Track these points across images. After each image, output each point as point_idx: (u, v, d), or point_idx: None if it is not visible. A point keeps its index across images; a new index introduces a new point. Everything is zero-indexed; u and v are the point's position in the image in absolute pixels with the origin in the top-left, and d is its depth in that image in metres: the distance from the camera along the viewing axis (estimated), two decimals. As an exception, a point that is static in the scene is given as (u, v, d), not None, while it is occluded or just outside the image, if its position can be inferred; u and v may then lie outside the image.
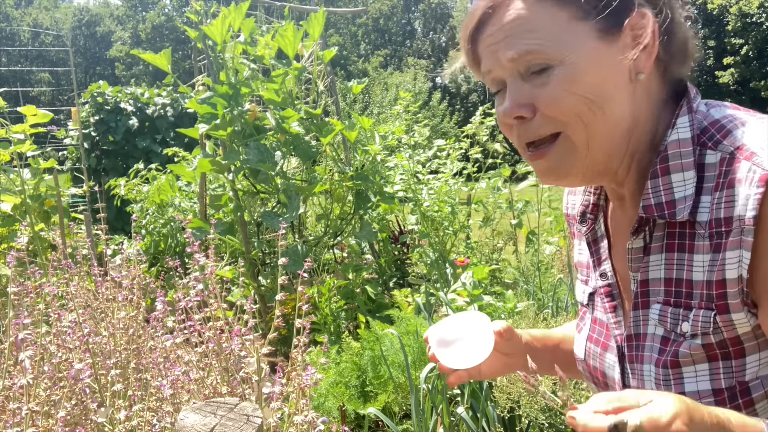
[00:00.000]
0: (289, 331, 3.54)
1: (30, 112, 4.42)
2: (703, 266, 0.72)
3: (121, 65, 48.26)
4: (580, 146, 0.75)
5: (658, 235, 0.78)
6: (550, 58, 0.73)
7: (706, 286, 0.72)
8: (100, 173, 10.38)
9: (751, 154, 0.68)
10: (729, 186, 0.69)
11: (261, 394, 1.43)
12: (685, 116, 0.77)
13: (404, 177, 5.11)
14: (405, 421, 2.74)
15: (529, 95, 0.75)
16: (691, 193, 0.73)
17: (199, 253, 1.67)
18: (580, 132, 0.74)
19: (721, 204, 0.70)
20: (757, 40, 27.57)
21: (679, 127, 0.76)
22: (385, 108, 19.55)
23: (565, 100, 0.73)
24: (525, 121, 0.77)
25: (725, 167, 0.71)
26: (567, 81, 0.72)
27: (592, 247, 0.92)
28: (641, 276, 0.80)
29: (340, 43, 42.22)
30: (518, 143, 0.80)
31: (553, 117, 0.74)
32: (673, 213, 0.74)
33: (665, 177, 0.75)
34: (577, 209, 0.97)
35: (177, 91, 11.28)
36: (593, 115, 0.73)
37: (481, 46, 0.79)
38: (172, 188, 6.02)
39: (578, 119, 0.73)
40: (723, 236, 0.70)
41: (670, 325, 0.76)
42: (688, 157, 0.74)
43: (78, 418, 1.51)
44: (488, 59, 0.78)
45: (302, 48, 4.21)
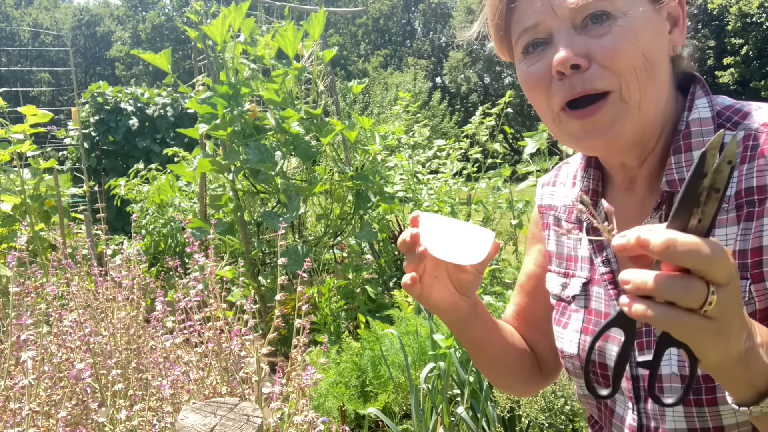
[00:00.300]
0: (288, 331, 3.54)
1: (30, 112, 4.43)
2: (727, 239, 0.73)
3: (121, 65, 48.27)
4: (632, 104, 0.74)
5: None
6: (614, 8, 0.72)
7: (740, 256, 0.71)
8: (100, 173, 10.38)
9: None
10: (760, 156, 0.71)
11: (261, 394, 1.43)
12: (703, 98, 0.80)
13: (404, 177, 5.12)
14: (405, 421, 2.74)
15: (586, 44, 0.73)
16: None
17: (199, 253, 1.67)
18: (634, 88, 0.73)
19: (753, 174, 0.71)
20: (757, 40, 27.56)
21: (699, 107, 0.79)
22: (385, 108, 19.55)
23: (626, 50, 0.71)
24: (579, 72, 0.73)
25: (752, 142, 0.73)
26: (630, 32, 0.71)
27: (591, 234, 0.90)
28: None
29: (340, 43, 42.24)
30: (562, 99, 0.76)
31: (611, 68, 0.72)
32: None
33: (688, 153, 0.76)
34: (565, 200, 0.96)
35: (177, 91, 11.28)
36: (647, 73, 0.73)
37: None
38: (172, 188, 6.02)
39: (634, 74, 0.72)
40: (755, 204, 0.71)
41: None
42: (709, 135, 0.76)
43: (79, 418, 1.51)
44: (538, 11, 0.75)
45: (302, 48, 4.22)
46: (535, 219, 1.06)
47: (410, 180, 5.09)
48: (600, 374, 0.87)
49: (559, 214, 0.99)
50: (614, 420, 0.88)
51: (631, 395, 0.82)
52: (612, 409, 0.88)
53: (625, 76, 0.72)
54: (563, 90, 0.75)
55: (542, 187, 1.04)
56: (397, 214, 5.13)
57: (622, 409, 0.85)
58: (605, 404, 0.90)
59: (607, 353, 0.85)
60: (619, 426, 0.86)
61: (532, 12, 0.75)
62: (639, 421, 0.82)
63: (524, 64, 0.79)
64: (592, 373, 0.89)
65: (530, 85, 0.79)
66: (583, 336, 0.89)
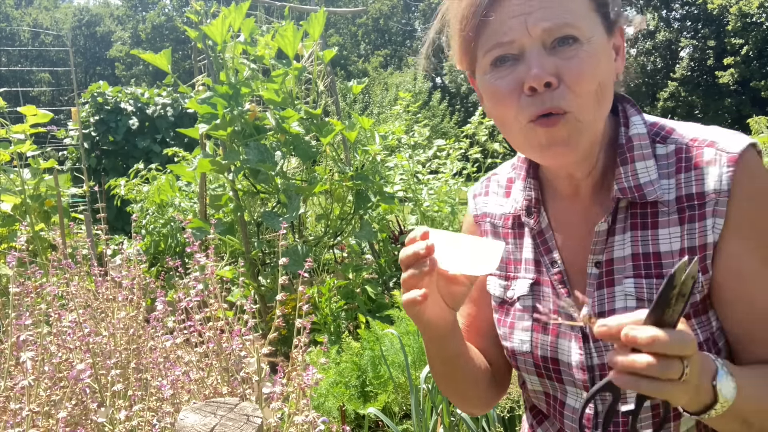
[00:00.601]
0: (289, 331, 3.54)
1: (30, 112, 4.43)
2: (670, 238, 0.84)
3: (121, 65, 48.26)
4: (585, 123, 0.81)
5: (621, 217, 0.87)
6: (581, 34, 0.79)
7: (689, 252, 0.82)
8: (100, 173, 10.38)
9: (712, 143, 0.83)
10: (696, 168, 0.83)
11: (261, 394, 1.43)
12: (636, 116, 0.90)
13: (404, 177, 5.12)
14: (405, 421, 2.74)
15: (555, 65, 0.79)
16: (655, 177, 0.85)
17: (200, 253, 1.67)
18: (589, 109, 0.80)
19: (692, 182, 0.83)
20: (757, 40, 27.55)
21: (636, 124, 0.89)
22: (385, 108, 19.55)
23: (589, 75, 0.79)
24: (550, 89, 0.79)
25: (684, 154, 0.85)
26: (593, 59, 0.79)
27: (537, 239, 0.96)
28: (606, 256, 0.88)
29: (340, 43, 42.23)
30: (533, 114, 0.80)
31: (575, 90, 0.79)
32: (643, 195, 0.85)
33: (632, 164, 0.86)
34: (501, 208, 1.03)
35: (177, 91, 11.28)
36: (600, 96, 0.81)
37: (505, 13, 0.80)
38: (172, 188, 6.02)
39: (592, 97, 0.80)
40: (696, 208, 0.82)
41: (646, 295, 0.84)
42: (647, 149, 0.87)
43: (78, 418, 1.51)
44: (513, 27, 0.79)
45: (302, 48, 4.22)
46: (470, 229, 1.10)
47: (410, 180, 5.09)
48: (552, 369, 0.93)
49: (495, 221, 1.05)
50: (566, 412, 0.94)
51: (587, 386, 0.89)
52: (563, 401, 0.94)
53: (584, 98, 0.80)
54: (534, 105, 0.80)
55: (474, 198, 1.10)
56: (397, 214, 5.13)
57: (574, 400, 0.92)
58: (554, 397, 0.96)
59: (559, 349, 0.92)
60: (571, 416, 0.93)
61: (507, 28, 0.80)
62: (596, 408, 0.90)
63: (491, 76, 0.84)
64: (545, 368, 0.94)
65: (499, 98, 0.83)
66: (534, 333, 0.95)
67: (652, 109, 33.90)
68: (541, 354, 0.94)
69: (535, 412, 1.05)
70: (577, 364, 0.89)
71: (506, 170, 1.07)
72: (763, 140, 3.38)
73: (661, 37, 34.75)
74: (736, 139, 0.83)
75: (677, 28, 35.24)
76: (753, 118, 4.49)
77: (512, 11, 0.79)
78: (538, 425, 1.04)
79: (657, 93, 33.62)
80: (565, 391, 0.94)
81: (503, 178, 1.07)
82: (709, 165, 0.82)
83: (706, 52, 32.02)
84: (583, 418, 0.75)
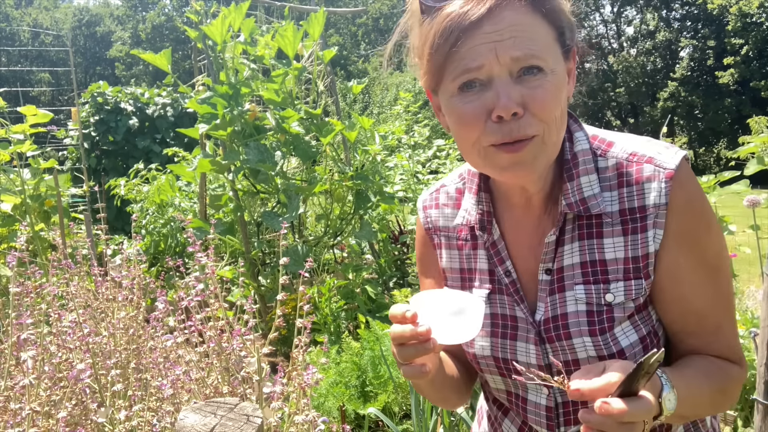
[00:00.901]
0: (289, 330, 3.54)
1: (30, 112, 4.43)
2: (614, 247, 0.91)
3: (121, 65, 48.25)
4: (549, 145, 0.87)
5: (569, 228, 0.94)
6: (546, 65, 0.83)
7: (632, 261, 0.90)
8: (100, 173, 10.38)
9: (651, 159, 0.90)
10: (637, 183, 0.90)
11: (262, 393, 1.43)
12: (580, 131, 0.97)
13: (404, 177, 5.12)
14: (405, 421, 2.74)
15: (521, 94, 0.83)
16: (598, 191, 0.92)
17: (201, 253, 1.67)
18: (553, 133, 0.86)
19: (633, 197, 0.90)
20: (757, 40, 27.54)
21: (579, 140, 0.96)
22: (385, 108, 19.55)
23: (553, 103, 0.84)
24: (516, 118, 0.83)
25: (626, 169, 0.91)
26: (556, 88, 0.85)
27: (491, 250, 1.02)
28: (557, 265, 0.95)
29: (340, 43, 42.20)
30: (497, 140, 0.85)
31: (540, 117, 0.84)
32: (587, 208, 0.92)
33: (577, 180, 0.93)
34: (454, 220, 1.07)
35: (177, 91, 11.28)
36: (562, 119, 0.88)
37: (476, 42, 0.83)
38: (172, 188, 6.02)
39: (555, 122, 0.86)
40: (638, 221, 0.89)
41: (595, 299, 0.92)
42: (590, 164, 0.94)
43: (78, 418, 1.51)
44: (484, 54, 0.82)
45: (302, 48, 4.21)
46: (423, 241, 1.14)
47: (410, 180, 5.09)
48: (504, 368, 1.01)
49: (449, 233, 1.09)
50: (528, 407, 1.01)
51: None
52: (524, 397, 1.01)
53: (549, 124, 0.85)
54: (501, 132, 0.84)
55: (425, 210, 1.13)
56: (397, 214, 5.13)
57: (536, 396, 1.00)
58: (516, 395, 1.03)
59: (518, 351, 0.99)
60: (534, 410, 1.00)
61: (477, 55, 0.83)
62: (555, 400, 0.98)
63: (458, 99, 0.87)
64: (506, 369, 1.00)
65: (465, 121, 0.87)
66: (493, 339, 1.01)
67: (652, 109, 33.89)
68: (502, 356, 1.00)
69: (498, 404, 1.12)
70: (535, 363, 0.97)
71: (454, 180, 1.12)
72: (764, 140, 3.38)
73: (661, 37, 34.74)
74: (670, 154, 0.90)
75: (677, 28, 35.23)
76: (753, 118, 4.48)
77: (483, 39, 0.82)
78: (504, 416, 1.11)
79: (657, 93, 33.60)
80: (526, 388, 1.01)
81: (452, 189, 1.11)
82: (649, 181, 0.89)
83: (706, 52, 32.00)
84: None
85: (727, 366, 0.92)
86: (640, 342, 0.91)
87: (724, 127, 30.40)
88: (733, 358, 0.93)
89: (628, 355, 0.90)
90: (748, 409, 2.52)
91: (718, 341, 0.93)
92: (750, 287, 3.63)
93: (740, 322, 2.60)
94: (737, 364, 0.93)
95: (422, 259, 1.15)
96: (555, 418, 0.98)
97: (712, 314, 0.92)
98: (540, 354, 0.96)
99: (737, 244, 3.92)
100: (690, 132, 32.92)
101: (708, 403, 0.90)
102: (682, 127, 33.29)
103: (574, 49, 0.92)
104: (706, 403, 0.89)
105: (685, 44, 33.63)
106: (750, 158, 3.25)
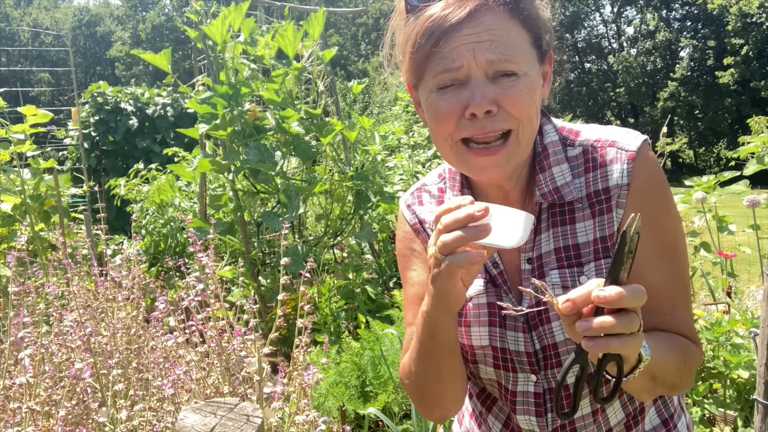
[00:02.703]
0: (289, 331, 3.54)
1: (30, 112, 4.42)
2: (586, 230, 0.96)
3: (121, 65, 48.23)
4: (523, 144, 0.92)
5: (544, 217, 0.99)
6: (519, 69, 0.88)
7: (601, 241, 0.95)
8: (100, 173, 10.38)
9: (613, 143, 0.96)
10: (601, 166, 0.95)
11: (262, 393, 1.43)
12: (548, 125, 1.02)
13: (404, 177, 5.12)
14: (405, 421, 2.74)
15: (496, 93, 0.88)
16: (570, 179, 0.97)
17: (202, 253, 1.67)
18: (527, 131, 0.91)
19: (598, 180, 0.95)
20: (757, 40, 27.55)
21: (548, 133, 1.01)
22: (385, 108, 19.55)
23: (526, 102, 0.89)
24: (490, 116, 0.88)
25: (591, 155, 0.97)
26: (529, 89, 0.89)
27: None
28: (535, 253, 0.99)
29: (340, 43, 42.19)
30: (469, 134, 0.90)
31: (514, 114, 0.89)
32: (561, 196, 0.96)
33: (549, 171, 0.98)
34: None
35: (177, 91, 11.28)
36: (536, 118, 0.93)
37: (456, 43, 0.87)
38: (172, 188, 6.02)
39: (529, 121, 0.90)
40: (604, 202, 0.95)
41: (570, 282, 0.95)
42: (560, 154, 0.99)
43: (79, 417, 1.51)
44: (463, 55, 0.87)
45: (302, 48, 4.21)
46: (410, 237, 1.14)
47: (410, 180, 5.09)
48: (508, 359, 1.02)
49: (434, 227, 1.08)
50: (517, 398, 1.03)
51: (534, 367, 1.00)
52: (514, 390, 1.03)
53: (523, 122, 0.90)
54: (474, 128, 0.89)
55: (409, 208, 1.16)
56: (397, 214, 5.13)
57: (524, 385, 1.02)
58: (506, 388, 1.05)
59: (509, 339, 1.01)
60: (522, 399, 1.03)
61: (457, 55, 0.88)
62: (542, 387, 1.01)
63: (436, 95, 0.92)
64: (502, 359, 1.02)
65: (441, 116, 0.91)
66: (492, 328, 1.03)
67: (652, 109, 33.90)
68: (500, 346, 1.02)
69: (482, 399, 1.14)
70: (524, 350, 1.00)
71: (434, 181, 1.15)
72: (764, 140, 3.38)
73: (661, 37, 34.74)
74: (632, 137, 0.96)
75: (677, 28, 35.23)
76: (753, 118, 4.48)
77: (462, 40, 0.87)
78: (488, 412, 1.13)
79: (657, 93, 33.61)
80: (516, 380, 1.03)
81: (434, 189, 1.14)
82: (612, 163, 0.95)
83: (706, 52, 32.01)
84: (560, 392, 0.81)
85: (686, 341, 0.96)
86: None
87: (724, 127, 30.40)
88: (689, 337, 0.97)
89: None
90: (748, 409, 2.52)
91: (675, 319, 0.96)
92: (750, 287, 3.63)
93: (740, 322, 2.60)
94: (694, 344, 0.98)
95: (408, 257, 1.14)
96: (543, 404, 1.01)
97: (668, 293, 0.96)
98: (528, 341, 0.99)
99: (737, 244, 3.92)
100: (690, 132, 32.93)
101: (674, 369, 0.91)
102: (682, 127, 33.29)
103: (551, 53, 0.97)
104: (672, 368, 0.90)
105: (685, 44, 33.64)
106: (750, 158, 3.25)
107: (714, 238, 3.52)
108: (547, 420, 1.02)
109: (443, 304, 0.87)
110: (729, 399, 2.57)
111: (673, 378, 0.92)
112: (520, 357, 1.01)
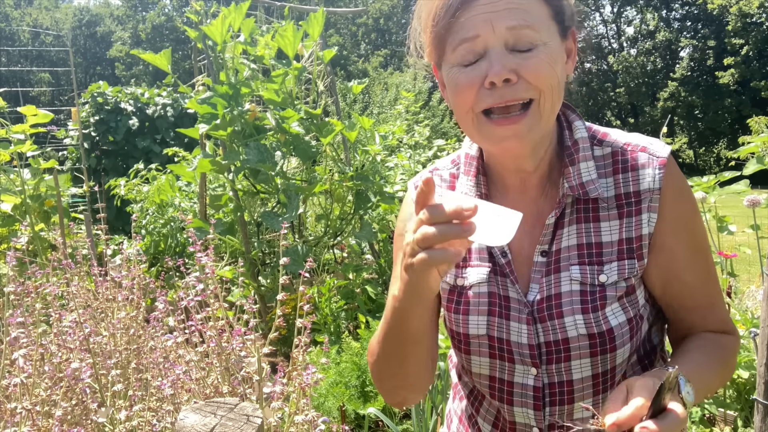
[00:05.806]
0: (289, 331, 3.54)
1: (30, 112, 4.42)
2: (610, 230, 0.96)
3: (121, 65, 48.22)
4: (544, 115, 0.90)
5: (568, 211, 0.98)
6: (539, 39, 0.87)
7: (626, 243, 0.95)
8: (100, 173, 10.37)
9: (645, 148, 0.97)
10: (632, 169, 0.96)
11: (262, 393, 1.43)
12: (578, 121, 1.02)
13: (404, 177, 5.12)
14: (405, 421, 2.74)
15: (516, 63, 0.87)
16: (595, 176, 0.97)
17: (201, 253, 1.67)
18: (548, 101, 0.90)
19: (629, 182, 0.96)
20: (757, 40, 27.54)
21: (578, 129, 1.00)
22: (386, 108, 19.54)
23: (547, 72, 0.88)
24: (509, 84, 0.87)
25: (621, 157, 0.97)
26: (550, 58, 0.88)
27: None
28: (555, 246, 0.98)
29: (340, 43, 42.19)
30: (489, 104, 0.89)
31: (534, 84, 0.88)
32: (586, 192, 0.96)
33: (578, 165, 0.97)
34: None
35: (177, 91, 11.28)
36: (558, 91, 0.91)
37: (473, 12, 0.88)
38: (172, 188, 6.02)
39: (550, 92, 0.89)
40: (633, 204, 0.95)
41: (589, 279, 0.95)
42: (587, 151, 0.99)
43: (78, 418, 1.51)
44: (479, 25, 0.87)
45: (302, 48, 4.21)
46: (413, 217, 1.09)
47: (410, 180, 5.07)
48: (506, 349, 1.00)
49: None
50: (515, 389, 1.02)
51: (536, 361, 0.98)
52: (510, 381, 1.02)
53: (544, 92, 0.89)
54: (492, 97, 0.88)
55: (416, 189, 1.10)
56: (396, 214, 5.13)
57: (523, 377, 1.00)
58: (501, 380, 1.02)
59: (511, 331, 0.99)
60: (520, 392, 1.01)
61: (472, 25, 0.88)
62: (543, 381, 0.99)
63: (457, 70, 0.92)
64: (499, 349, 1.00)
65: (461, 89, 0.91)
66: (490, 318, 1.01)
67: (652, 109, 33.88)
68: (498, 336, 1.01)
69: (471, 400, 1.12)
70: (526, 343, 0.99)
71: (447, 166, 1.13)
72: (764, 140, 3.38)
73: (661, 37, 34.73)
74: (661, 145, 0.97)
75: (677, 28, 35.22)
76: (753, 118, 4.48)
77: (480, 10, 0.87)
78: (476, 414, 1.12)
79: (657, 93, 33.60)
80: (513, 371, 1.01)
81: (446, 174, 1.13)
82: (644, 167, 0.95)
83: (706, 52, 32.00)
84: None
85: (723, 338, 1.00)
86: (627, 323, 0.95)
87: (724, 127, 30.40)
88: (726, 329, 1.01)
89: (617, 334, 0.94)
90: (748, 409, 2.52)
91: (713, 314, 1.00)
92: (750, 287, 3.63)
93: (740, 322, 2.60)
94: (731, 334, 1.02)
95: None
96: (542, 398, 1.00)
97: (705, 290, 1.00)
98: (531, 333, 0.98)
99: (737, 244, 3.92)
100: (690, 132, 32.92)
101: (716, 380, 0.97)
102: (682, 127, 33.28)
103: (573, 30, 0.96)
104: (715, 380, 0.97)
105: (685, 44, 33.62)
106: (750, 158, 3.24)
107: (714, 238, 3.52)
108: (545, 414, 1.00)
109: (414, 296, 0.84)
110: (729, 399, 2.57)
111: (715, 385, 0.99)
112: (521, 349, 0.99)
